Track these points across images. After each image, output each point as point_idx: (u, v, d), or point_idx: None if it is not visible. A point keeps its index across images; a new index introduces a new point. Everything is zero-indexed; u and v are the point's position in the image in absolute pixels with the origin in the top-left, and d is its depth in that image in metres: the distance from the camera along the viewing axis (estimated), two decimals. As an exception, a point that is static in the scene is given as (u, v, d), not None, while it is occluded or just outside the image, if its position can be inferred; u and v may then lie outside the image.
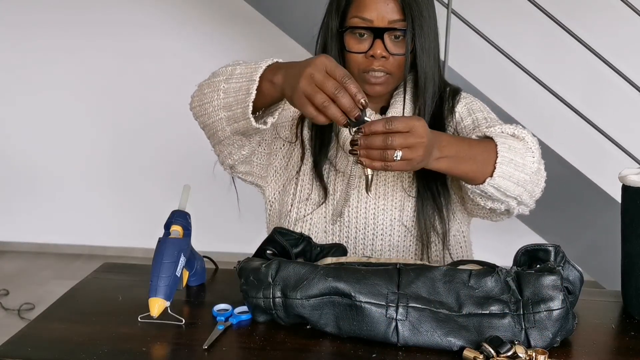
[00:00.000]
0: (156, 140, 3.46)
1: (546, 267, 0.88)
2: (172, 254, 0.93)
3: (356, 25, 1.11)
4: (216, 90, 1.02)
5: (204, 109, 1.05)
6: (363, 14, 1.10)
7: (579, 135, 2.75)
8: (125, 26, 3.34)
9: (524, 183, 1.04)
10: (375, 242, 1.19)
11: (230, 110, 1.00)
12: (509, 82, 2.77)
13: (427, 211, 1.17)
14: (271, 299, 0.90)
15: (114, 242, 3.61)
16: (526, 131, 1.08)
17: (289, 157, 1.23)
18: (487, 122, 1.17)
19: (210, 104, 1.03)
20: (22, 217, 3.64)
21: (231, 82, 1.00)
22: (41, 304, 2.89)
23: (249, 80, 0.96)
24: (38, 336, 0.91)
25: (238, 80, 0.98)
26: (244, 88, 0.97)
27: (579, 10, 2.82)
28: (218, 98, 1.02)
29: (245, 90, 0.97)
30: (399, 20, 1.10)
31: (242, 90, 0.97)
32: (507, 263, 0.94)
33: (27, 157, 3.55)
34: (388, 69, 1.12)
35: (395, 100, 1.19)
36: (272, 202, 1.26)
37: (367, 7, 1.10)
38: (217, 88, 1.02)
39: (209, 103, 1.04)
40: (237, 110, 0.99)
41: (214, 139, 1.11)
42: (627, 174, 0.98)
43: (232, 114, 1.01)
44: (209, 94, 1.04)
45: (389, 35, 1.11)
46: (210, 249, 1.82)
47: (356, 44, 1.13)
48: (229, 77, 1.00)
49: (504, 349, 0.80)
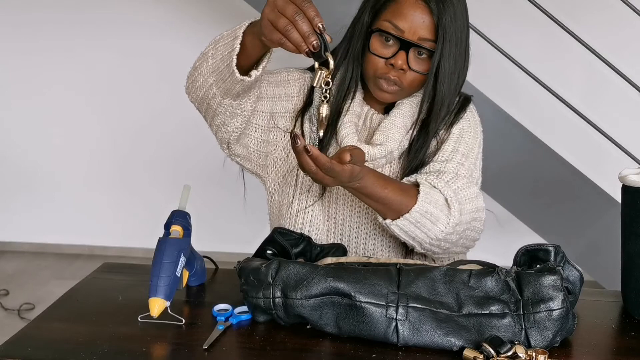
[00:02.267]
0: (156, 140, 3.45)
1: (546, 267, 0.88)
2: (172, 254, 0.93)
3: (386, 30, 1.09)
4: (205, 59, 1.02)
5: (196, 82, 1.05)
6: (397, 21, 1.08)
7: (579, 135, 2.75)
8: (126, 25, 3.34)
9: (423, 241, 1.09)
10: (376, 239, 1.19)
11: (218, 72, 1.00)
12: (509, 82, 2.77)
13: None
14: (271, 299, 0.90)
15: (114, 242, 3.61)
16: (462, 206, 1.10)
17: (289, 149, 1.23)
18: (454, 161, 1.17)
19: (201, 74, 1.03)
20: (22, 217, 3.63)
21: (218, 46, 0.99)
22: (41, 304, 2.89)
23: (233, 38, 0.96)
24: (38, 336, 0.91)
25: (224, 41, 0.98)
26: (228, 46, 0.97)
27: (579, 11, 2.81)
28: (207, 65, 1.01)
29: (230, 47, 0.96)
30: (429, 39, 1.09)
31: (227, 48, 0.97)
32: (507, 263, 0.94)
33: (27, 157, 3.55)
34: (402, 82, 1.11)
35: (402, 102, 1.18)
36: (272, 193, 1.26)
37: (403, 16, 1.08)
38: (206, 56, 1.02)
39: (199, 74, 1.03)
40: (225, 70, 0.99)
41: (208, 112, 1.09)
42: (627, 174, 0.98)
43: (220, 75, 1.00)
44: (199, 66, 1.03)
45: (414, 50, 1.09)
46: (210, 249, 1.82)
47: (380, 48, 1.11)
48: (215, 44, 1.00)
49: (504, 349, 0.80)
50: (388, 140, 1.15)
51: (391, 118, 1.17)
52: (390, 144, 1.15)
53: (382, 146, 1.15)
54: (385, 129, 1.16)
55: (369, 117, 1.21)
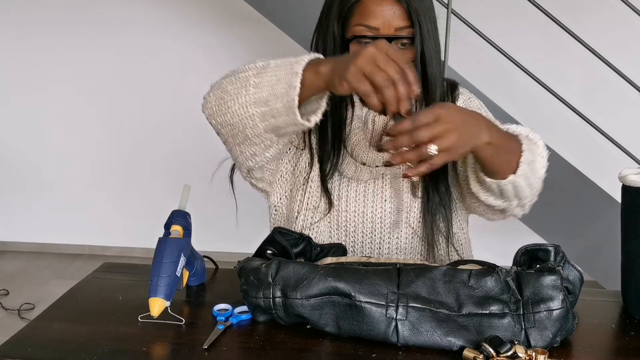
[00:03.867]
0: (157, 141, 3.46)
1: (546, 267, 0.88)
2: (172, 254, 0.93)
3: (362, 34, 1.06)
4: (244, 86, 0.96)
5: (227, 106, 0.99)
6: (368, 22, 1.06)
7: (579, 135, 2.75)
8: (126, 26, 3.34)
9: (532, 187, 1.04)
10: (382, 245, 1.18)
11: (267, 106, 0.94)
12: (508, 82, 2.77)
13: (433, 211, 1.16)
14: (271, 299, 0.90)
15: (114, 242, 3.61)
16: (538, 136, 1.06)
17: (295, 162, 1.20)
18: None
19: (236, 101, 0.97)
20: (22, 217, 3.64)
21: (264, 76, 0.94)
22: (41, 304, 2.89)
23: (289, 73, 0.90)
24: (38, 336, 0.91)
25: (274, 73, 0.93)
26: (283, 80, 0.91)
27: (579, 10, 2.81)
28: (247, 94, 0.95)
29: (286, 82, 0.90)
30: (405, 27, 1.06)
31: (282, 83, 0.91)
32: (507, 263, 0.94)
33: (28, 157, 3.55)
34: None
35: None
36: (277, 206, 1.23)
37: (372, 14, 1.06)
38: (246, 83, 0.96)
39: (233, 100, 0.98)
40: (277, 105, 0.93)
41: (237, 138, 1.03)
42: (627, 174, 0.98)
43: (268, 110, 0.94)
44: (233, 90, 0.97)
45: (395, 43, 1.07)
46: (210, 249, 1.82)
47: None
48: (260, 72, 0.95)
49: (504, 349, 0.80)
50: None
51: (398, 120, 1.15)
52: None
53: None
54: None
55: (371, 120, 1.18)
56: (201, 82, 3.32)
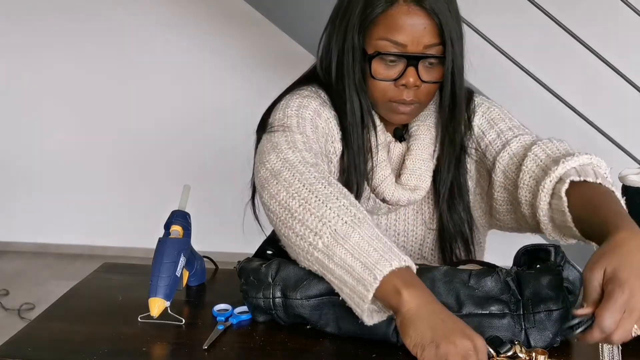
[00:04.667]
0: (156, 140, 3.45)
1: (546, 267, 0.88)
2: (172, 254, 0.93)
3: (386, 50, 0.96)
4: (310, 248, 0.81)
5: (276, 223, 0.86)
6: (395, 37, 0.95)
7: (579, 135, 2.75)
8: (126, 26, 3.34)
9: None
10: None
11: (333, 277, 0.80)
12: (509, 82, 2.77)
13: (450, 241, 1.10)
14: (271, 299, 0.90)
15: (114, 242, 3.61)
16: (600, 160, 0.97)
17: None
18: (513, 131, 1.07)
19: (297, 248, 0.83)
20: (22, 217, 3.63)
21: (337, 249, 0.78)
22: (41, 304, 2.89)
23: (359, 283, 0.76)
24: (38, 336, 0.91)
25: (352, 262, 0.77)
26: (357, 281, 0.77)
27: (579, 10, 2.81)
28: (312, 256, 0.81)
29: (355, 279, 0.77)
30: (435, 44, 0.96)
31: (355, 282, 0.77)
32: (507, 263, 0.94)
33: (28, 158, 3.55)
34: (418, 98, 1.00)
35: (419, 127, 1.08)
36: None
37: (400, 29, 0.94)
38: (313, 244, 0.80)
39: (294, 244, 0.84)
40: (343, 288, 0.80)
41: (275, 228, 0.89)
42: (627, 174, 0.98)
43: (333, 281, 0.81)
44: (295, 238, 0.83)
45: (423, 61, 0.97)
46: (210, 249, 1.82)
47: (384, 70, 0.98)
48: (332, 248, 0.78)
49: (504, 349, 0.80)
50: (422, 180, 1.06)
51: (415, 152, 1.06)
52: (425, 184, 1.07)
53: (420, 190, 1.07)
54: (415, 169, 1.06)
55: (389, 146, 1.09)
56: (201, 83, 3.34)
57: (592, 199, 0.87)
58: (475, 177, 1.13)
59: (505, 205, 1.06)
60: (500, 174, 1.05)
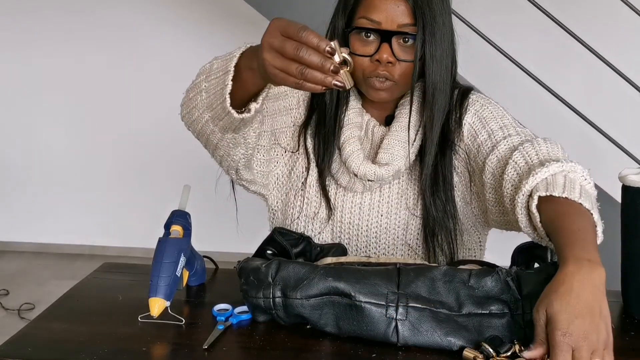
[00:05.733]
0: (156, 140, 3.45)
1: (545, 266, 0.88)
2: (172, 254, 0.93)
3: (363, 26, 1.04)
4: (199, 92, 0.93)
5: (191, 115, 0.97)
6: (371, 15, 1.04)
7: (579, 135, 2.75)
8: (126, 25, 3.34)
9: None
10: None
11: (212, 109, 0.92)
12: (509, 82, 2.77)
13: (434, 231, 1.11)
14: (271, 299, 0.90)
15: (114, 242, 3.61)
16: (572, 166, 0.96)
17: (291, 166, 1.18)
18: (503, 132, 1.09)
19: (196, 108, 0.95)
20: (22, 217, 3.64)
21: (210, 79, 0.91)
22: (41, 304, 2.89)
23: (225, 72, 0.87)
24: (38, 336, 0.91)
25: (216, 74, 0.90)
26: (221, 82, 0.88)
27: (579, 10, 2.81)
28: (201, 99, 0.93)
29: (222, 82, 0.88)
30: (409, 24, 1.03)
31: (220, 84, 0.89)
32: (507, 263, 0.94)
33: (28, 158, 3.55)
34: (393, 75, 1.06)
35: (401, 111, 1.13)
36: (275, 210, 1.21)
37: (376, 8, 1.04)
38: (199, 89, 0.93)
39: (194, 107, 0.96)
40: (218, 107, 0.91)
41: (209, 146, 1.03)
42: (627, 174, 0.98)
43: (214, 113, 0.92)
44: (193, 98, 0.95)
45: (397, 39, 1.04)
46: (210, 249, 1.82)
47: (362, 47, 1.06)
48: (208, 75, 0.92)
49: (504, 349, 0.80)
50: (394, 159, 1.10)
51: (393, 133, 1.11)
52: (397, 162, 1.10)
53: (389, 166, 1.10)
54: (389, 147, 1.11)
55: (371, 129, 1.15)
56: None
57: (554, 219, 0.89)
58: (465, 176, 1.15)
59: (497, 206, 1.08)
60: (490, 176, 1.07)
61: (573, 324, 0.73)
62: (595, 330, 0.74)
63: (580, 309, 0.74)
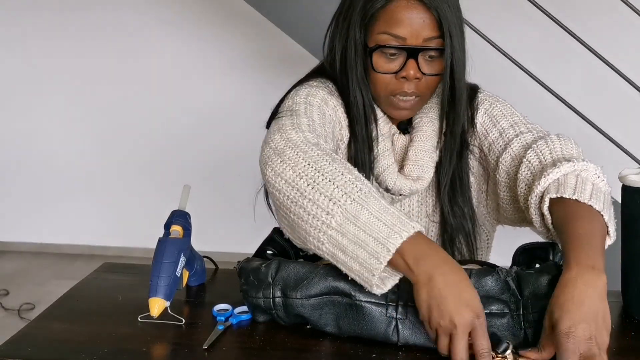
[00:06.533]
0: (156, 140, 3.45)
1: (546, 266, 0.88)
2: (172, 254, 0.93)
3: (387, 43, 0.98)
4: (323, 222, 0.81)
5: (291, 226, 0.87)
6: (395, 31, 0.98)
7: (579, 135, 2.75)
8: (125, 26, 3.34)
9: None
10: None
11: (344, 254, 0.81)
12: (509, 82, 2.77)
13: (452, 236, 1.11)
14: (271, 299, 0.90)
15: (114, 242, 3.61)
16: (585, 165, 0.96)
17: None
18: (514, 129, 1.08)
19: (306, 225, 0.83)
20: (22, 217, 3.64)
21: (349, 226, 0.79)
22: (41, 304, 2.89)
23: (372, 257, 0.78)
24: (38, 336, 0.91)
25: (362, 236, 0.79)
26: (368, 254, 0.79)
27: (579, 10, 2.81)
28: (323, 232, 0.81)
29: (368, 253, 0.79)
30: (434, 37, 0.99)
31: (366, 254, 0.79)
32: (507, 263, 0.94)
33: (27, 157, 3.55)
34: (420, 90, 1.03)
35: (422, 119, 1.10)
36: None
37: (400, 22, 0.97)
38: (325, 217, 0.81)
39: (302, 222, 0.83)
40: (353, 265, 0.81)
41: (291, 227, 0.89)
42: (627, 174, 0.98)
43: (342, 259, 0.82)
44: (305, 215, 0.82)
45: (423, 54, 0.99)
46: (210, 249, 1.82)
47: (385, 63, 1.01)
48: (346, 217, 0.79)
49: (501, 348, 0.80)
50: (424, 171, 1.08)
51: (418, 144, 1.08)
52: (428, 174, 1.09)
53: (422, 180, 1.08)
54: (418, 159, 1.08)
55: (393, 138, 1.12)
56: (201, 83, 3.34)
57: (562, 221, 0.89)
58: (479, 175, 1.15)
59: (512, 204, 1.08)
60: (504, 174, 1.07)
61: (577, 328, 0.75)
62: (598, 334, 0.76)
63: (583, 314, 0.76)
